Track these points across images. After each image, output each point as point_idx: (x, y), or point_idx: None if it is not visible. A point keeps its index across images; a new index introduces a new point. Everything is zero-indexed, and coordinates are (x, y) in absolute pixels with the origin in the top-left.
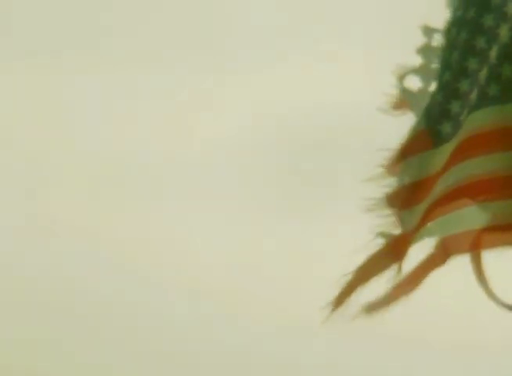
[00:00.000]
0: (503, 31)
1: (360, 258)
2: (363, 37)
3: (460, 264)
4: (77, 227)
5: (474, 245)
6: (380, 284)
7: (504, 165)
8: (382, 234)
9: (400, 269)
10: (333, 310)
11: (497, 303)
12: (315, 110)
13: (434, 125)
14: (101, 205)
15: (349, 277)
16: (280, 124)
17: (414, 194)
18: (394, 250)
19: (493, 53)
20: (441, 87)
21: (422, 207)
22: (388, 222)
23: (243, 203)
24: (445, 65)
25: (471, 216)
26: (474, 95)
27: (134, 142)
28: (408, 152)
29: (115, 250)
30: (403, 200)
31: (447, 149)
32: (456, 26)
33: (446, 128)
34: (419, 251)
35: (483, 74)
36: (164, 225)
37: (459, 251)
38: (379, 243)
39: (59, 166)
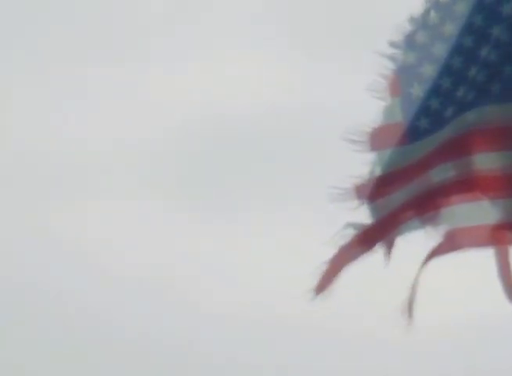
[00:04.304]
0: (497, 31)
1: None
2: (273, 39)
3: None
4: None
5: (499, 240)
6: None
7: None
8: (352, 225)
9: (388, 256)
10: (317, 294)
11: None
12: (235, 111)
13: (411, 121)
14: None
15: (326, 266)
16: (194, 125)
17: (385, 186)
18: (364, 239)
19: (484, 53)
20: (423, 82)
21: (397, 197)
22: (355, 213)
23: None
24: (429, 59)
25: (484, 211)
26: (462, 94)
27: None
28: (380, 144)
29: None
30: (373, 191)
31: (427, 144)
32: (444, 19)
33: (424, 124)
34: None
35: (472, 73)
36: (85, 225)
37: (472, 244)
38: (349, 233)
39: None
